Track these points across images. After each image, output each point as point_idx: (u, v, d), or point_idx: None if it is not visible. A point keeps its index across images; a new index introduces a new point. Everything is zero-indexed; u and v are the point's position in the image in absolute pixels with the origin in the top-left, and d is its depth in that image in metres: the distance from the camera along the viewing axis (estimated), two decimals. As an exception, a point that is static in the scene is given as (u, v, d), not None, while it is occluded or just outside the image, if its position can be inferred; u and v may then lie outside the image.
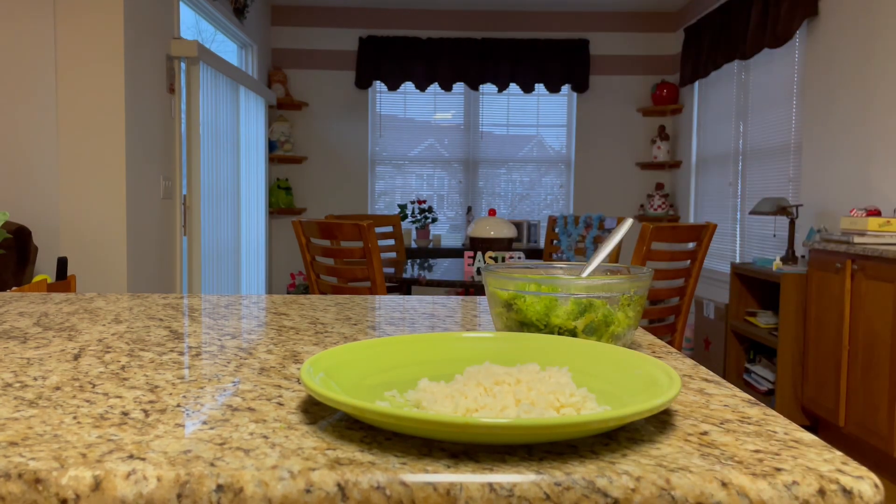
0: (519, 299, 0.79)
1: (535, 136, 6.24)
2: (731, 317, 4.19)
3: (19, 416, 0.56)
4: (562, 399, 0.54)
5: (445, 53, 5.95)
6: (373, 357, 0.66)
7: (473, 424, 0.46)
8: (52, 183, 3.10)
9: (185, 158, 3.89)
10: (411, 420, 0.47)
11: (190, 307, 1.12)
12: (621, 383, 0.61)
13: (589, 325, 0.77)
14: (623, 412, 0.47)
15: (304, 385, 0.54)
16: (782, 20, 4.14)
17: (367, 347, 0.67)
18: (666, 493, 0.44)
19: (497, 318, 0.82)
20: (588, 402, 0.55)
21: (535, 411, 0.52)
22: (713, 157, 5.38)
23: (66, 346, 0.82)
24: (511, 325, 0.80)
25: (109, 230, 3.17)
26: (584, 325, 0.77)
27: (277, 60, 5.98)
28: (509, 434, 0.47)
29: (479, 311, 1.13)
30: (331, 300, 1.21)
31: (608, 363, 0.64)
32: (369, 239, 2.71)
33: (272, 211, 5.89)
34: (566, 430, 0.47)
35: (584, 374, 0.64)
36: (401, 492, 0.44)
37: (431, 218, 5.97)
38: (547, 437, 0.48)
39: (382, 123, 6.16)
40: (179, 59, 3.78)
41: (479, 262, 3.23)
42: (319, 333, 0.92)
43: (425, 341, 0.70)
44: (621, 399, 0.58)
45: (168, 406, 0.59)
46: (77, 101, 3.10)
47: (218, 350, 0.82)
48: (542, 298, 0.79)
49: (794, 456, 0.49)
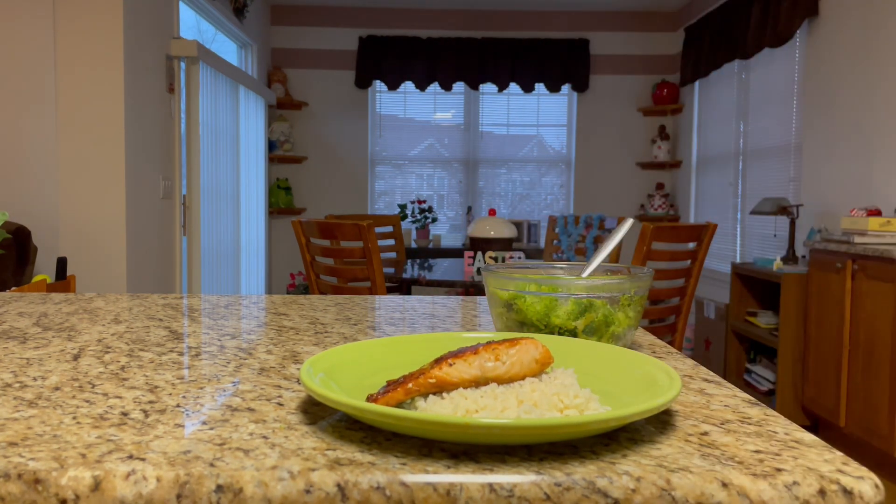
0: (519, 299, 0.79)
1: (535, 136, 6.24)
2: (731, 317, 4.19)
3: (19, 417, 0.56)
4: (565, 400, 0.54)
5: (445, 53, 5.95)
6: (373, 357, 0.66)
7: (473, 425, 0.45)
8: (52, 183, 3.10)
9: (184, 158, 3.89)
10: (411, 420, 0.47)
11: (189, 307, 1.12)
12: (622, 384, 0.61)
13: (589, 326, 0.77)
14: (622, 413, 0.47)
15: (303, 385, 0.54)
16: (783, 20, 4.14)
17: (367, 347, 0.67)
18: (666, 493, 0.44)
19: (497, 318, 0.82)
20: (592, 402, 0.54)
21: (536, 412, 0.52)
22: (713, 157, 5.38)
23: (65, 347, 0.82)
24: (511, 326, 0.80)
25: (109, 230, 3.17)
26: (584, 325, 0.77)
27: (277, 60, 5.98)
28: (509, 435, 0.47)
29: (479, 312, 1.13)
30: (331, 300, 1.21)
31: (609, 363, 0.64)
32: (369, 239, 2.71)
33: (272, 211, 5.89)
34: (565, 430, 0.47)
35: (588, 374, 0.64)
36: (401, 492, 0.44)
37: (431, 218, 5.97)
38: (546, 438, 0.48)
39: (382, 123, 6.16)
40: (179, 59, 3.78)
41: (479, 262, 3.23)
42: (319, 333, 0.92)
43: (426, 341, 0.70)
44: (622, 399, 0.59)
45: (168, 406, 0.59)
46: (77, 101, 3.10)
47: (218, 350, 0.82)
48: (542, 298, 0.78)
49: (795, 456, 0.49)
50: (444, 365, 0.56)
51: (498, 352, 0.57)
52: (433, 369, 0.56)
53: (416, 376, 0.55)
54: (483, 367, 0.57)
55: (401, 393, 0.55)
